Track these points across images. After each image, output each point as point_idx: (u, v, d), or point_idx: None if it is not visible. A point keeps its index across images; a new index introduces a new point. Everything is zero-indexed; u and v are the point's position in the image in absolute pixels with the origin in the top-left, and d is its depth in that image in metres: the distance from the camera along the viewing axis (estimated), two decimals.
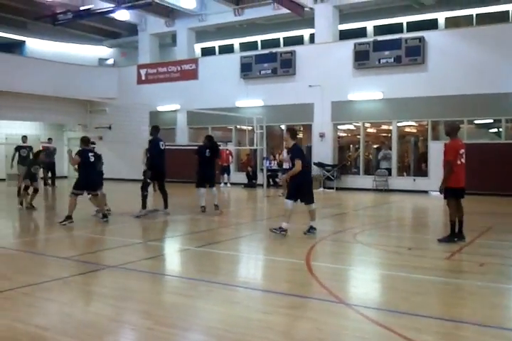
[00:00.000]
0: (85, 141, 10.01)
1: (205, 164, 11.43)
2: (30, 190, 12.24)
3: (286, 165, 16.31)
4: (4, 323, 4.18)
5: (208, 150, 11.48)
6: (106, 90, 22.99)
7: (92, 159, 9.81)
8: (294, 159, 8.16)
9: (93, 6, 19.13)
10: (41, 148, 14.80)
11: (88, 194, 10.02)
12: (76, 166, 9.82)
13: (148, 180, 10.92)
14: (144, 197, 10.73)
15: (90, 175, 9.84)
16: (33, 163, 12.64)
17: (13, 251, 7.43)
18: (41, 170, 14.18)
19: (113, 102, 22.51)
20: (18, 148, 16.01)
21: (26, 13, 22.28)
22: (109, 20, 22.63)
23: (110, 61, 27.30)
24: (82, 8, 18.96)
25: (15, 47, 25.91)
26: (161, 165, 11.00)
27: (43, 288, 5.25)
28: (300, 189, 8.22)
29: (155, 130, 11.21)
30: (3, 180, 21.62)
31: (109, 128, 23.34)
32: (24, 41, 25.83)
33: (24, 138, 15.64)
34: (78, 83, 21.75)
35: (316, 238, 8.09)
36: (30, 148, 15.81)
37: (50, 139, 19.66)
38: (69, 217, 9.44)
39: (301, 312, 4.55)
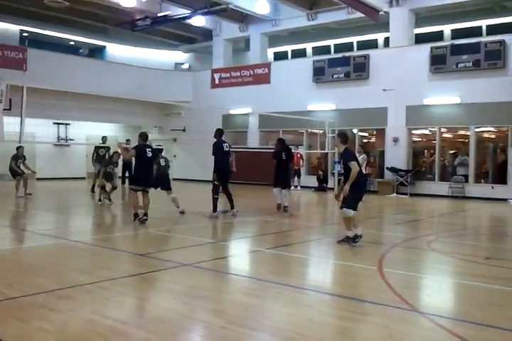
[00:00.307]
0: (143, 136, 10.04)
1: (281, 167, 11.99)
2: (108, 188, 12.82)
3: None
4: (84, 316, 4.38)
5: (283, 154, 11.95)
6: (181, 94, 23.60)
7: (150, 154, 9.76)
8: (347, 163, 7.71)
9: (170, 13, 19.71)
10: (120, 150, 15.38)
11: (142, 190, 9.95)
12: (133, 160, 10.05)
13: (217, 183, 11.06)
14: (215, 200, 10.91)
15: (144, 170, 9.82)
16: (108, 163, 13.21)
17: (93, 246, 7.77)
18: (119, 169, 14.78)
19: (187, 105, 23.09)
20: (96, 148, 16.72)
21: (107, 19, 23.30)
22: (185, 26, 23.25)
23: (186, 65, 28.02)
24: (159, 15, 19.56)
25: (96, 52, 27.17)
26: (225, 167, 11.20)
27: (121, 282, 5.46)
28: (360, 197, 8.01)
29: (219, 133, 11.24)
30: (84, 178, 22.68)
31: (184, 130, 23.99)
32: (105, 46, 27.02)
33: (104, 138, 16.31)
34: (155, 87, 22.47)
35: (388, 244, 7.94)
36: (108, 148, 16.47)
37: (128, 140, 20.37)
38: (136, 215, 9.68)
39: (372, 318, 4.49)
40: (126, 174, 19.76)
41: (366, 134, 21.54)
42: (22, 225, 9.52)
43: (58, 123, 22.28)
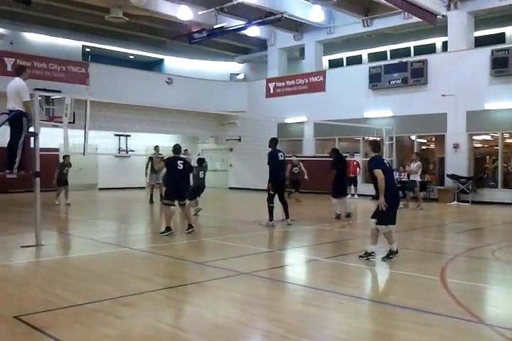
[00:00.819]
0: (176, 149, 9.93)
1: (340, 177, 12.23)
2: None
3: (413, 177, 15.80)
4: (147, 322, 4.48)
5: (340, 164, 12.22)
6: (236, 104, 23.86)
7: (181, 167, 9.48)
8: (372, 171, 7.03)
9: (226, 24, 20.01)
10: None
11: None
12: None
13: (271, 192, 11.04)
14: (270, 209, 10.91)
15: (179, 184, 9.65)
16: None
17: (153, 254, 7.94)
18: None
19: (243, 115, 23.31)
20: (151, 158, 17.01)
21: (165, 33, 23.94)
22: (240, 36, 23.56)
23: (241, 76, 28.34)
24: (215, 27, 19.90)
25: (154, 65, 27.92)
26: (281, 177, 11.23)
27: (181, 290, 5.55)
28: (392, 210, 7.12)
29: (274, 142, 11.24)
30: (144, 188, 23.23)
31: (239, 140, 24.20)
32: (163, 59, 27.73)
33: (157, 147, 16.56)
34: (211, 98, 22.82)
35: (450, 254, 7.70)
36: (162, 157, 16.71)
37: (186, 150, 20.75)
38: (168, 228, 9.45)
39: (436, 330, 4.36)
40: None
41: (425, 141, 21.06)
42: (85, 234, 9.84)
43: (119, 135, 22.98)
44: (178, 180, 9.62)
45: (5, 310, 4.71)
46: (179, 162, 9.54)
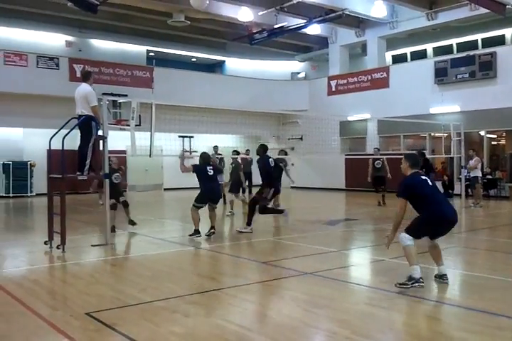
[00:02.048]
0: (205, 158, 9.76)
1: None
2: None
3: (473, 173, 15.24)
4: (212, 321, 4.55)
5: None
6: (298, 103, 23.79)
7: (211, 172, 9.53)
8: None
9: (286, 23, 19.97)
10: (239, 160, 15.66)
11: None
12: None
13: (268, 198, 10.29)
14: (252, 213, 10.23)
15: (214, 188, 9.75)
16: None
17: (217, 253, 8.05)
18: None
19: (304, 114, 23.20)
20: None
21: (225, 34, 24.21)
22: (300, 35, 23.45)
23: (302, 74, 28.21)
24: (276, 26, 19.90)
25: (216, 67, 28.30)
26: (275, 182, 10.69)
27: (245, 289, 5.59)
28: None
29: (262, 149, 10.42)
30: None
31: (301, 139, 24.11)
32: (224, 61, 28.04)
33: (215, 148, 16.64)
34: (272, 97, 22.86)
35: None
36: (222, 158, 16.74)
37: (247, 150, 20.91)
38: (197, 231, 9.31)
39: (508, 333, 4.17)
40: (247, 183, 20.21)
41: (495, 136, 20.23)
42: (152, 233, 10.10)
43: (183, 136, 23.44)
44: (212, 185, 9.68)
45: (77, 306, 4.91)
46: (208, 168, 9.60)
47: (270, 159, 10.43)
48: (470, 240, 9.39)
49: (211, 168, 9.61)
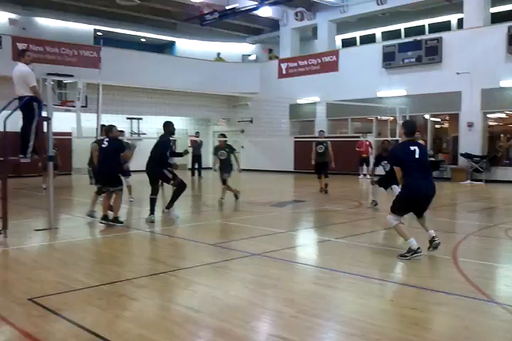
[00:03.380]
0: (106, 129, 8.96)
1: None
2: None
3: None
4: (159, 303, 4.55)
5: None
6: (248, 85, 23.74)
7: (105, 144, 8.68)
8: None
9: (238, 5, 19.80)
10: (189, 142, 15.59)
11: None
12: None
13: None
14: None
15: (100, 168, 8.96)
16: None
17: (165, 236, 8.01)
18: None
19: (255, 97, 23.19)
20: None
21: (176, 15, 23.79)
22: (252, 17, 23.32)
23: (253, 57, 28.12)
24: (227, 8, 19.70)
25: (166, 48, 27.81)
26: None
27: (194, 272, 5.60)
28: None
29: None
30: None
31: (251, 121, 24.14)
32: (174, 42, 27.58)
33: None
34: (223, 79, 22.72)
35: (462, 233, 7.66)
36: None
37: (197, 133, 20.78)
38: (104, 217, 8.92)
39: (448, 309, 4.36)
40: (196, 166, 20.18)
41: (439, 120, 20.84)
42: (98, 216, 9.93)
43: (131, 118, 23.03)
44: (99, 163, 8.94)
45: (20, 292, 4.79)
46: (105, 140, 8.67)
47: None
48: (411, 220, 9.69)
49: (108, 139, 8.59)
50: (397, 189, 11.56)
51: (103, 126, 9.49)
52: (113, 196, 8.81)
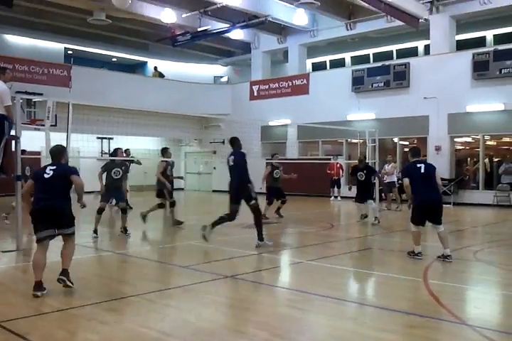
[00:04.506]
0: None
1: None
2: None
3: (389, 179, 15.97)
4: (130, 327, 4.45)
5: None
6: (220, 106, 23.84)
7: (47, 175, 5.71)
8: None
9: (210, 27, 19.99)
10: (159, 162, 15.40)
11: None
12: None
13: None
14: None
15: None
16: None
17: (136, 258, 7.89)
18: None
19: (227, 118, 23.28)
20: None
21: (148, 35, 23.84)
22: (224, 39, 23.55)
23: (224, 79, 28.32)
24: (199, 29, 19.87)
25: (138, 68, 27.81)
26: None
27: (165, 294, 5.52)
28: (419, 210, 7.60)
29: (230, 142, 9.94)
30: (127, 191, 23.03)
31: (223, 143, 24.16)
32: (146, 62, 27.61)
33: (127, 150, 15.78)
34: (195, 100, 22.77)
35: (432, 255, 7.76)
36: (132, 161, 15.71)
37: (167, 148, 20.67)
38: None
39: (419, 331, 4.39)
40: None
41: (407, 143, 21.24)
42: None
43: (102, 138, 22.81)
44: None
45: None
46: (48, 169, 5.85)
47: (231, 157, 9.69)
48: (382, 242, 9.79)
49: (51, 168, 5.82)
50: (373, 204, 11.92)
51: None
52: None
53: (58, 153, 6.04)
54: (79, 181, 5.87)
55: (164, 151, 11.76)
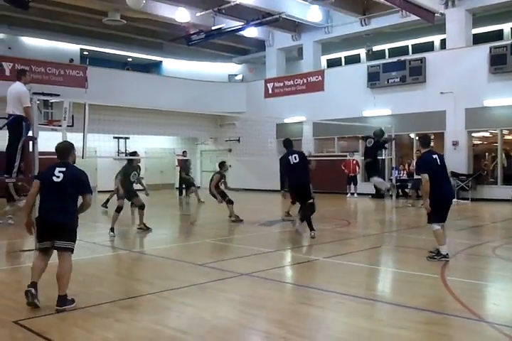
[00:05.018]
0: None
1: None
2: None
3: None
4: (146, 325, 4.46)
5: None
6: (235, 105, 23.86)
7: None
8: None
9: (224, 25, 19.99)
10: (176, 161, 15.54)
11: None
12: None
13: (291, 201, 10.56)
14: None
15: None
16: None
17: (153, 257, 7.93)
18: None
19: (242, 116, 23.31)
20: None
21: (163, 35, 23.93)
22: (238, 37, 23.54)
23: (239, 77, 28.32)
24: (213, 28, 19.88)
25: (153, 67, 27.92)
26: (294, 183, 9.56)
27: (181, 292, 5.54)
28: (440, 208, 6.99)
29: (286, 144, 9.90)
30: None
31: (238, 141, 24.20)
32: (161, 61, 27.72)
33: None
34: (210, 99, 22.80)
35: (450, 251, 7.67)
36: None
37: (184, 152, 20.77)
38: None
39: (437, 328, 4.35)
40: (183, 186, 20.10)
41: (418, 143, 21.06)
42: (84, 237, 9.79)
43: (118, 138, 22.98)
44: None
45: (4, 314, 4.71)
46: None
47: (294, 155, 9.47)
48: (401, 238, 9.72)
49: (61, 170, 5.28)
50: (375, 179, 11.97)
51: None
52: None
53: (66, 149, 5.48)
54: (89, 201, 5.34)
55: (222, 165, 12.51)
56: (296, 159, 9.34)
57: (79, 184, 5.27)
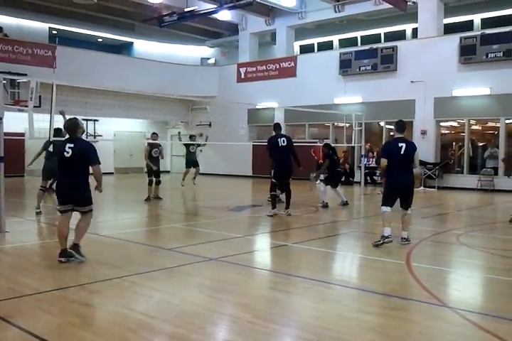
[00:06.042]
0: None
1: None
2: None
3: None
4: (113, 310, 4.44)
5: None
6: (207, 89, 23.69)
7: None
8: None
9: (197, 7, 19.71)
10: (146, 145, 15.29)
11: None
12: None
13: (273, 180, 10.75)
14: (273, 197, 10.64)
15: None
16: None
17: (121, 241, 7.86)
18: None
19: (213, 101, 23.15)
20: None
21: (134, 15, 23.50)
22: (211, 20, 23.29)
23: (211, 60, 28.07)
24: (186, 10, 19.58)
25: (124, 49, 27.40)
26: (280, 161, 10.48)
27: (149, 277, 5.52)
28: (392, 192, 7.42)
29: (276, 127, 10.89)
30: (112, 173, 22.96)
31: (209, 125, 24.07)
32: (132, 42, 27.22)
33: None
34: (181, 82, 22.57)
35: (416, 238, 7.83)
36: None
37: (154, 134, 20.55)
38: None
39: (401, 313, 4.45)
40: None
41: (393, 127, 21.31)
42: (50, 220, 9.68)
43: (87, 120, 22.57)
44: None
45: None
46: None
47: (282, 138, 10.56)
48: (369, 225, 9.86)
49: (70, 145, 6.14)
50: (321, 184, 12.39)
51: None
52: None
53: (74, 126, 6.26)
54: (97, 170, 6.19)
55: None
56: (284, 142, 10.43)
57: (86, 156, 6.10)
